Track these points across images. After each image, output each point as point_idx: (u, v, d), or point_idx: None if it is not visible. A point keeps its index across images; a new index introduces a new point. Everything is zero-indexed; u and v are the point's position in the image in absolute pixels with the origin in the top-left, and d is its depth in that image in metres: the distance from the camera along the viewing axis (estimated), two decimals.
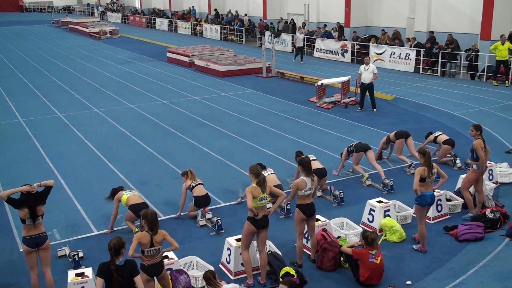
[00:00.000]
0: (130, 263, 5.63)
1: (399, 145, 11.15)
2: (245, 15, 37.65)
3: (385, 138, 11.45)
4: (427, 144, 11.54)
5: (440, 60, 20.72)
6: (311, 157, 9.97)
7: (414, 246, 7.74)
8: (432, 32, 22.45)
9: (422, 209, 7.50)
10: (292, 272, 6.77)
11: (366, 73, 15.52)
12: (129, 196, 8.36)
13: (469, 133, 9.09)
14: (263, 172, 9.33)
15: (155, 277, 6.04)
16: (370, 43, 24.27)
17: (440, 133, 11.48)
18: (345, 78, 17.47)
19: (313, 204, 7.13)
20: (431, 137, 11.45)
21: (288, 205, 8.91)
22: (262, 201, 6.59)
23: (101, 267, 5.53)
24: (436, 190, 8.53)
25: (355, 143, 10.64)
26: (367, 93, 15.81)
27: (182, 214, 9.00)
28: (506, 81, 18.49)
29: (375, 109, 15.84)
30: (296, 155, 9.95)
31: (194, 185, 8.86)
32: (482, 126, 8.82)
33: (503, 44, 18.04)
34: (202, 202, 8.80)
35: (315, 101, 17.20)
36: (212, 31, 37.73)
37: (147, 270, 5.91)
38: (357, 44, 25.21)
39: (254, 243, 7.01)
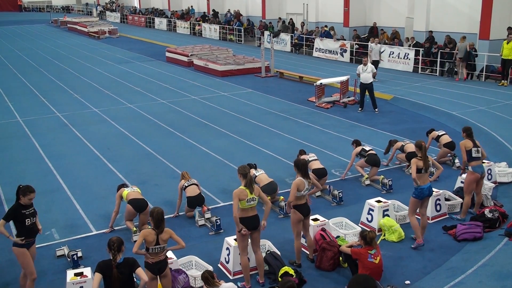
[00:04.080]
0: (129, 260, 5.64)
1: (404, 159, 11.01)
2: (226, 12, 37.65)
3: (399, 145, 10.98)
4: (430, 141, 11.48)
5: (439, 59, 20.74)
6: (312, 156, 9.98)
7: (412, 245, 7.74)
8: (431, 31, 22.48)
9: (418, 202, 7.55)
10: (291, 271, 6.78)
11: (365, 73, 15.51)
12: (129, 192, 8.41)
13: None
14: (254, 172, 9.38)
15: (158, 276, 6.05)
16: (369, 43, 24.25)
17: (444, 133, 11.44)
18: (344, 78, 17.48)
19: (308, 204, 7.14)
20: (434, 134, 11.41)
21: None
22: (250, 203, 6.54)
23: (101, 264, 5.55)
24: (435, 190, 8.58)
25: (370, 151, 10.33)
26: (367, 93, 15.79)
27: (180, 214, 9.00)
28: (505, 81, 18.47)
29: (376, 109, 15.80)
30: (299, 153, 9.97)
31: (187, 185, 8.89)
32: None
33: (508, 43, 17.95)
34: (195, 202, 8.82)
35: (314, 100, 17.20)
36: (211, 30, 37.72)
37: (151, 268, 5.94)
38: (355, 44, 25.22)
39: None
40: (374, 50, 20.70)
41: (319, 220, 7.81)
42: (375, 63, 20.01)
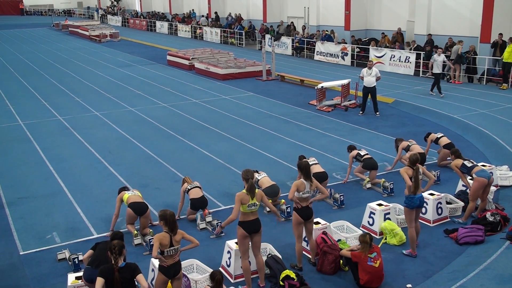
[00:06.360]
0: (131, 265, 5.63)
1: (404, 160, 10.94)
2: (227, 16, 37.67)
3: (405, 145, 10.84)
4: (430, 144, 11.48)
5: None
6: (313, 160, 9.98)
7: (404, 251, 7.71)
8: (430, 35, 22.51)
9: (411, 211, 7.48)
10: (292, 275, 6.76)
11: (369, 77, 15.45)
12: (130, 195, 8.41)
13: (459, 145, 9.16)
14: (256, 175, 9.38)
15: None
16: (370, 46, 24.30)
17: (442, 135, 11.45)
18: (345, 81, 17.49)
19: (310, 208, 7.12)
20: (433, 136, 11.41)
21: (288, 208, 8.90)
22: (251, 207, 6.55)
23: (102, 269, 5.54)
24: (436, 193, 8.57)
25: (365, 155, 10.34)
26: (369, 96, 15.76)
27: (181, 217, 9.00)
28: (505, 84, 18.45)
29: (377, 113, 15.79)
30: (299, 159, 9.97)
31: (190, 188, 8.92)
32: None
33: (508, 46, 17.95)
34: (198, 204, 8.84)
35: (315, 104, 17.20)
36: (212, 34, 37.78)
37: (166, 271, 5.93)
38: (357, 47, 25.22)
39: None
40: (436, 61, 17.44)
41: (320, 223, 7.80)
42: (437, 76, 17.55)
